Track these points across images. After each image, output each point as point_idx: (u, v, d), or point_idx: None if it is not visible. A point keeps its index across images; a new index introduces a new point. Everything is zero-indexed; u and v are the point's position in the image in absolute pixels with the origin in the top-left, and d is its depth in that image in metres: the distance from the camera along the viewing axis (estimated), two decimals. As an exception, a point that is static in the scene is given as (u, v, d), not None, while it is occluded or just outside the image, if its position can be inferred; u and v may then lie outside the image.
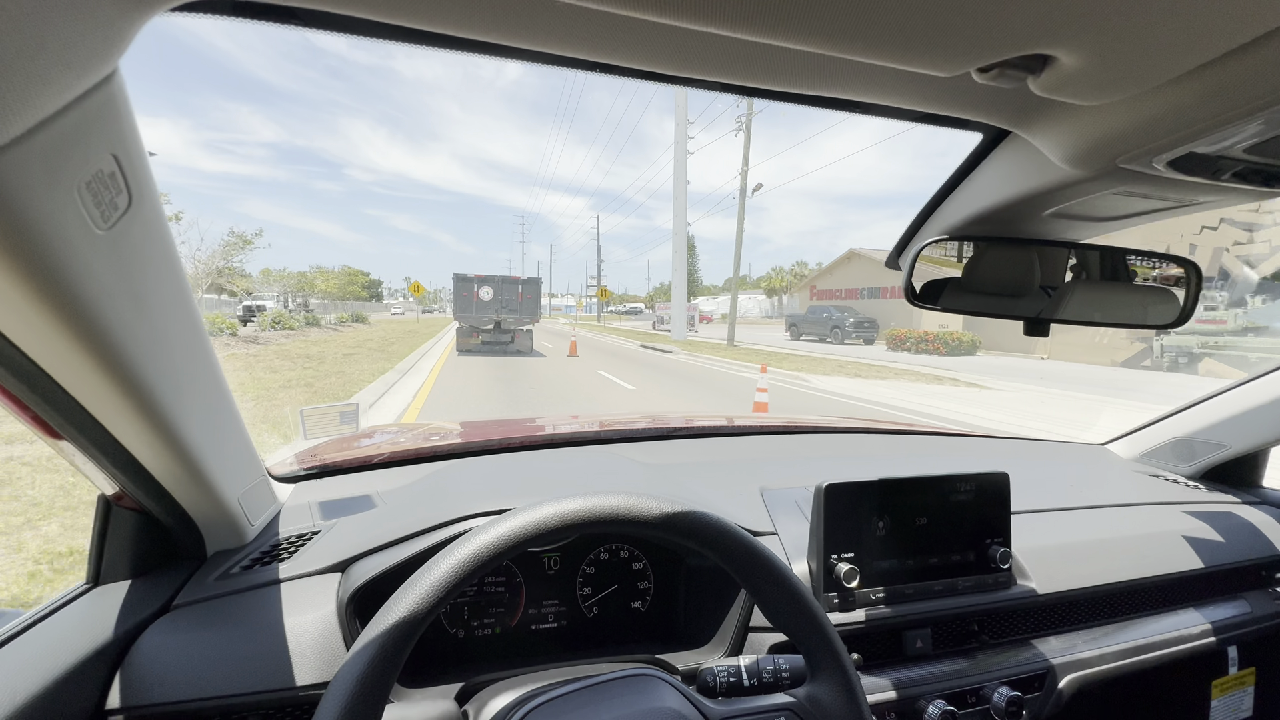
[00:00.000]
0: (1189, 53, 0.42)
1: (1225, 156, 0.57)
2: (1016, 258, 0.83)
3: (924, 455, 1.49)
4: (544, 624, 0.91)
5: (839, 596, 0.85)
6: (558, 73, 1.07)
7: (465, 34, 0.46)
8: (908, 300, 0.84)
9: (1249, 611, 1.11)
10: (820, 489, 0.86)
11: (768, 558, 0.60)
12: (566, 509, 0.55)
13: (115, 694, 0.63)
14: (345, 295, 54.18)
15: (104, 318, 0.46)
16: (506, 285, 15.82)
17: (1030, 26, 0.39)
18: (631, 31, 0.45)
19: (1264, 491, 1.35)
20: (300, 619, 0.72)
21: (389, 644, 0.47)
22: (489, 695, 0.69)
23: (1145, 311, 0.85)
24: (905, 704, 0.84)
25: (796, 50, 0.44)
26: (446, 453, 1.19)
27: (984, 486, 0.93)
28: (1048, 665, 0.93)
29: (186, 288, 0.59)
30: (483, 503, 0.84)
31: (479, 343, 15.66)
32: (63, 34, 0.33)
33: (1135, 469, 1.44)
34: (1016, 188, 0.71)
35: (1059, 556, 1.01)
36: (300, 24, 0.47)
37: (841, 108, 0.61)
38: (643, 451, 1.27)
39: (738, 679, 0.65)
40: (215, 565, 0.79)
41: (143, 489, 0.67)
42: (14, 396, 0.50)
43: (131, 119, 0.45)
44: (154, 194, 0.50)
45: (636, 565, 0.95)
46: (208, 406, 0.67)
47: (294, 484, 1.05)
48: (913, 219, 0.87)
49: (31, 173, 0.36)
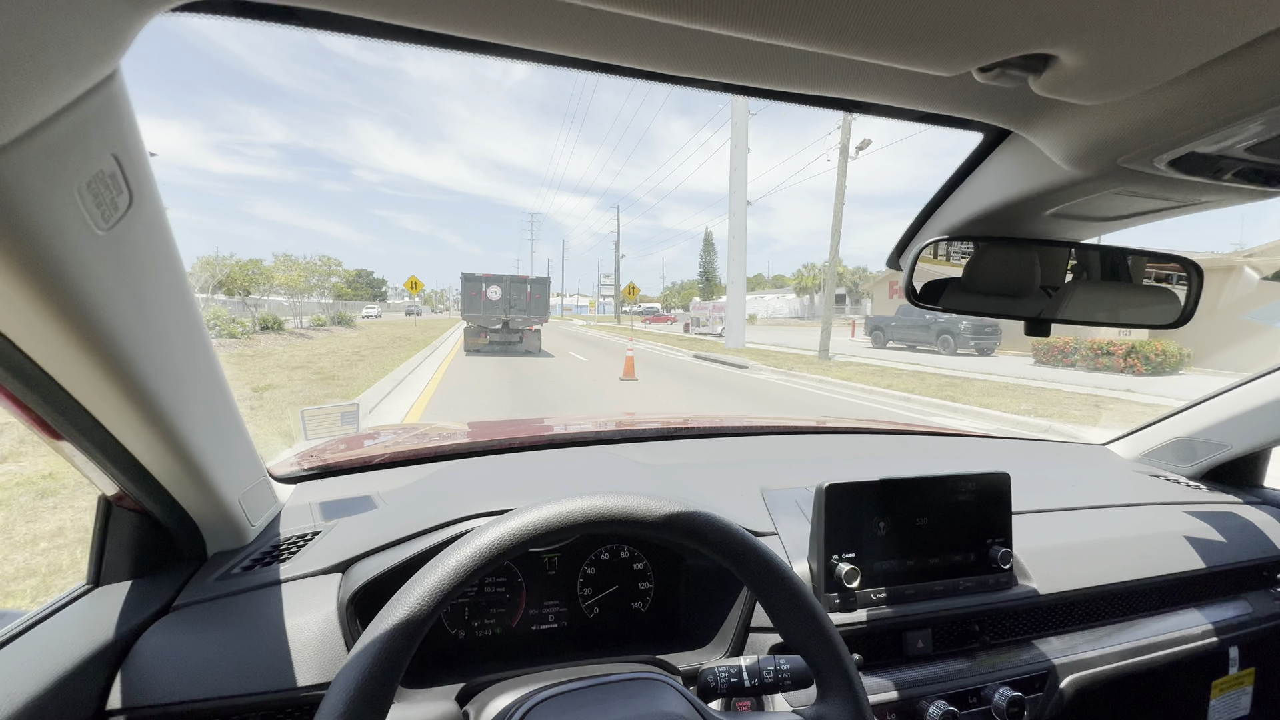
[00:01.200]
0: (1190, 52, 0.41)
1: (1226, 156, 0.57)
2: (1017, 258, 0.83)
3: (925, 455, 1.49)
4: (545, 624, 0.91)
5: (840, 597, 0.85)
6: (564, 73, 1.07)
7: (468, 34, 0.46)
8: (908, 300, 0.84)
9: (1250, 612, 1.11)
10: (821, 489, 0.86)
11: (780, 568, 0.59)
12: (569, 509, 0.55)
13: (116, 694, 0.63)
14: (344, 294, 49.89)
15: (104, 318, 0.46)
16: (515, 285, 15.66)
17: (1031, 26, 0.39)
18: (633, 32, 0.45)
19: (1265, 492, 1.35)
20: (301, 620, 0.72)
21: (391, 645, 0.47)
22: (489, 695, 0.69)
23: (1146, 311, 0.85)
24: (906, 704, 0.84)
25: (797, 50, 0.44)
26: (447, 453, 1.19)
27: (985, 487, 0.93)
28: (1049, 666, 0.93)
29: (187, 288, 0.59)
30: (483, 503, 0.84)
31: (487, 343, 15.55)
32: (63, 34, 0.33)
33: (1136, 469, 1.44)
34: (1017, 188, 0.71)
35: (1060, 557, 1.01)
36: (302, 24, 0.47)
37: (842, 108, 0.61)
38: (643, 452, 1.27)
39: (738, 679, 0.65)
40: (216, 566, 0.79)
41: (143, 489, 0.67)
42: (14, 397, 0.50)
43: (132, 119, 0.45)
44: (155, 194, 0.50)
45: (637, 566, 0.95)
46: (208, 407, 0.67)
47: (295, 484, 1.05)
48: (913, 219, 0.87)
49: (32, 173, 0.36)
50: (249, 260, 24.68)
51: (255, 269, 24.56)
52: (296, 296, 31.24)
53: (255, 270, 24.51)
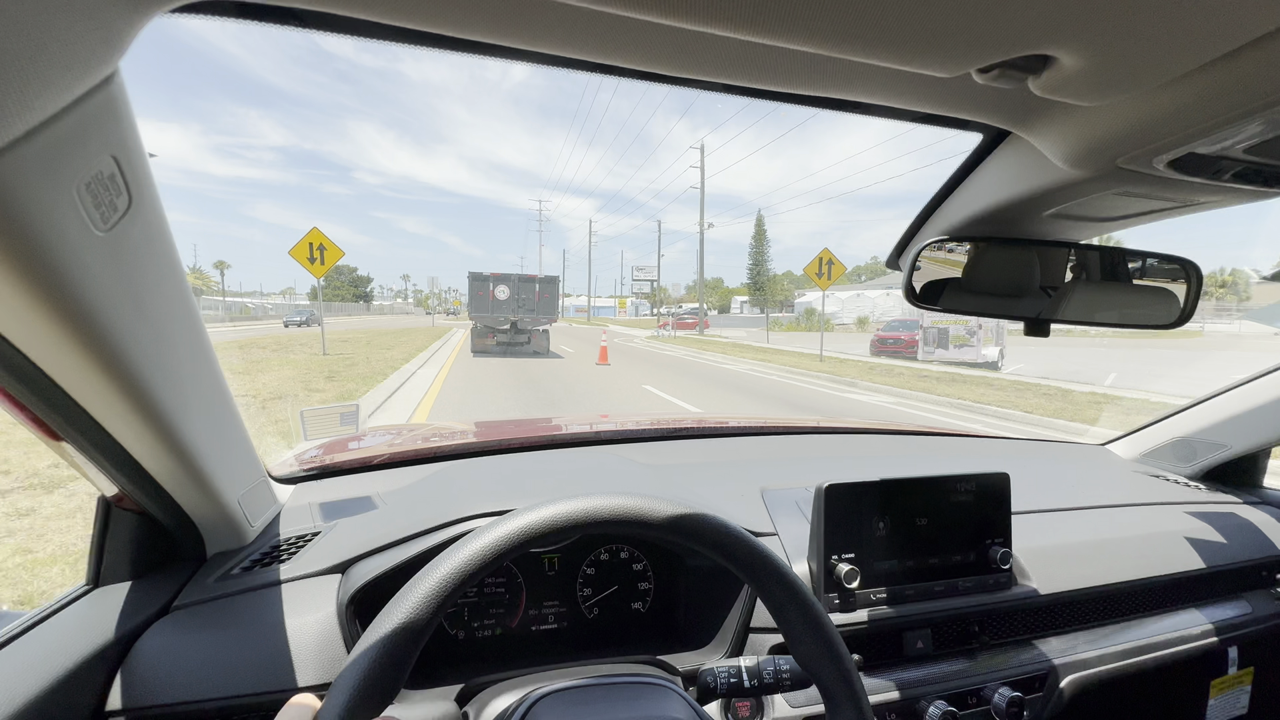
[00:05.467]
0: (1189, 53, 0.41)
1: (1226, 157, 0.57)
2: (1017, 258, 0.83)
3: (924, 455, 1.49)
4: (544, 625, 0.91)
5: (839, 597, 0.85)
6: (564, 74, 1.06)
7: (467, 35, 0.46)
8: (907, 300, 0.84)
9: (1250, 612, 1.11)
10: (821, 489, 0.86)
11: (780, 569, 0.58)
12: (570, 509, 0.55)
13: (115, 695, 0.63)
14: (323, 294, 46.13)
15: (104, 319, 0.46)
16: (523, 284, 15.32)
17: (1030, 27, 0.39)
18: (633, 32, 0.45)
19: (1265, 492, 1.35)
20: (301, 620, 0.72)
21: (392, 645, 0.47)
22: (489, 696, 0.69)
23: (1145, 312, 0.85)
24: (906, 705, 0.84)
25: (797, 50, 0.44)
26: (447, 453, 1.19)
27: (984, 487, 0.93)
28: (1049, 666, 0.93)
29: (187, 289, 0.59)
30: (484, 503, 0.84)
31: (494, 343, 15.21)
32: (62, 35, 0.33)
33: (1135, 469, 1.44)
34: (1016, 188, 0.71)
35: (1059, 557, 1.01)
36: (301, 25, 0.47)
37: (842, 108, 0.61)
38: (643, 452, 1.27)
39: (738, 680, 0.65)
40: (215, 566, 0.79)
41: (143, 490, 0.67)
42: (14, 398, 0.50)
43: (131, 120, 0.45)
44: (154, 195, 0.50)
45: (637, 566, 0.95)
46: (208, 407, 0.67)
47: (294, 485, 1.05)
48: (913, 219, 0.87)
49: (31, 174, 0.36)
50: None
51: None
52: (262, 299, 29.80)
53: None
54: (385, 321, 41.44)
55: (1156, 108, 0.50)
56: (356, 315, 63.66)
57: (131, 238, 0.48)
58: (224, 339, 18.96)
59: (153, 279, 0.52)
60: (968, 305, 0.84)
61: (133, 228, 0.47)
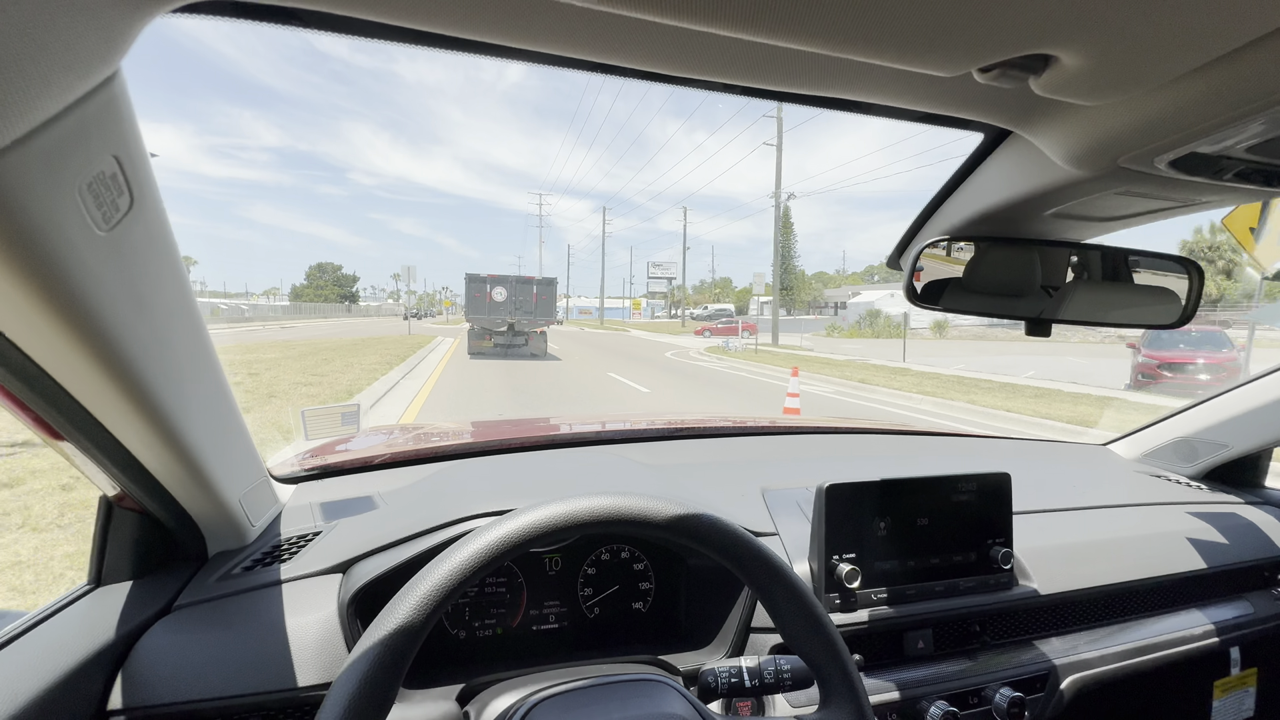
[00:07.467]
0: (1190, 53, 0.41)
1: (1227, 156, 0.57)
2: (1018, 258, 0.83)
3: (925, 456, 1.49)
4: (545, 625, 0.91)
5: (840, 597, 0.85)
6: (560, 75, 1.05)
7: (466, 34, 0.46)
8: (908, 300, 0.84)
9: (1251, 612, 1.11)
10: (821, 489, 0.85)
11: (781, 569, 0.59)
12: (571, 509, 0.55)
13: (117, 695, 0.63)
14: (303, 294, 39.85)
15: (105, 318, 0.46)
16: (521, 286, 15.24)
17: (1031, 26, 0.39)
18: (632, 32, 0.45)
19: (1266, 492, 1.35)
20: (301, 620, 0.72)
21: (392, 645, 0.47)
22: (490, 696, 0.69)
23: (1147, 311, 0.85)
24: (907, 705, 0.84)
25: (797, 50, 0.44)
26: (448, 453, 1.19)
27: (985, 487, 0.93)
28: (1050, 666, 0.92)
29: (188, 289, 0.59)
30: (484, 503, 0.84)
31: (491, 345, 15.14)
32: (63, 35, 0.33)
33: (1137, 469, 1.43)
34: (1018, 188, 0.71)
35: (1061, 557, 1.01)
36: (300, 25, 0.47)
37: (842, 108, 0.61)
38: (644, 452, 1.27)
39: (739, 680, 0.65)
40: (216, 566, 0.79)
41: (144, 490, 0.67)
42: (15, 397, 0.50)
43: (133, 120, 0.45)
44: (155, 195, 0.50)
45: (638, 566, 0.95)
46: (209, 407, 0.67)
47: (295, 485, 1.05)
48: (914, 219, 0.87)
49: (32, 174, 0.36)
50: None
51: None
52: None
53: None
54: (357, 326, 33.06)
55: (1158, 107, 0.50)
56: (335, 318, 53.09)
57: (133, 237, 0.48)
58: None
59: (154, 279, 0.52)
60: (969, 305, 0.84)
61: (134, 227, 0.47)
